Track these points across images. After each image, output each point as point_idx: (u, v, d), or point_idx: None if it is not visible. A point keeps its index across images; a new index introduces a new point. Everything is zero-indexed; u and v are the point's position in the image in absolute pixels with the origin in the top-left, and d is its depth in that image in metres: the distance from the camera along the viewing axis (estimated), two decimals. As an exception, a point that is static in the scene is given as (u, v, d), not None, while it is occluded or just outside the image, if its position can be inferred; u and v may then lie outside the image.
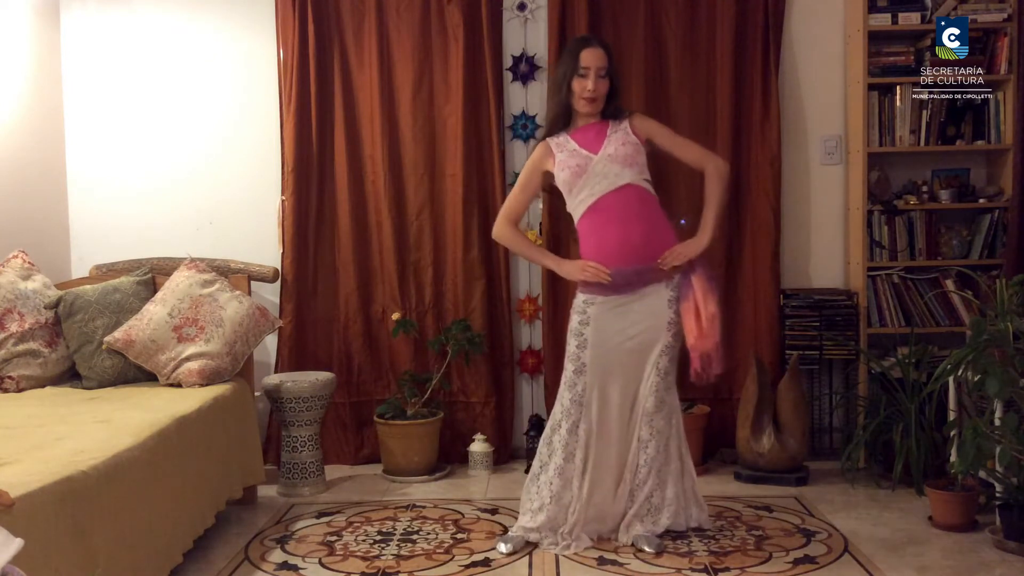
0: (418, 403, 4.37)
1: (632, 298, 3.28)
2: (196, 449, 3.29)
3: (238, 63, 4.67)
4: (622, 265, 3.24)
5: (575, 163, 3.29)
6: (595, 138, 3.33)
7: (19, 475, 2.33)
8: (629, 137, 3.32)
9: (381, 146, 4.53)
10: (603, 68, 3.29)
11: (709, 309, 3.22)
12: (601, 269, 3.24)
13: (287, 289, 4.55)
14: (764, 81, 4.45)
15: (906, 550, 3.30)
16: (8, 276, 3.87)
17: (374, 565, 3.23)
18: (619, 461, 3.34)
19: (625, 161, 3.27)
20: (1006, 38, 4.32)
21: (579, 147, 3.32)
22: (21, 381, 3.73)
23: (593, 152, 3.29)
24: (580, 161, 3.28)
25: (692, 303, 3.24)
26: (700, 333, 3.21)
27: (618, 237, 3.25)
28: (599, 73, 3.29)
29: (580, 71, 3.29)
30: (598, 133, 3.34)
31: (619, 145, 3.29)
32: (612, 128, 3.34)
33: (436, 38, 4.53)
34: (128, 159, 4.69)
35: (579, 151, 3.31)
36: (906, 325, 4.35)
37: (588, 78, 3.28)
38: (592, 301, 3.30)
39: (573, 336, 3.32)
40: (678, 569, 3.15)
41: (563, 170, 3.31)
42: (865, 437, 4.09)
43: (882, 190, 4.47)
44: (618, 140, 3.31)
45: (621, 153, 3.28)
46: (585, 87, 3.28)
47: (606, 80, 3.31)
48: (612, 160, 3.27)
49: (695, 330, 3.22)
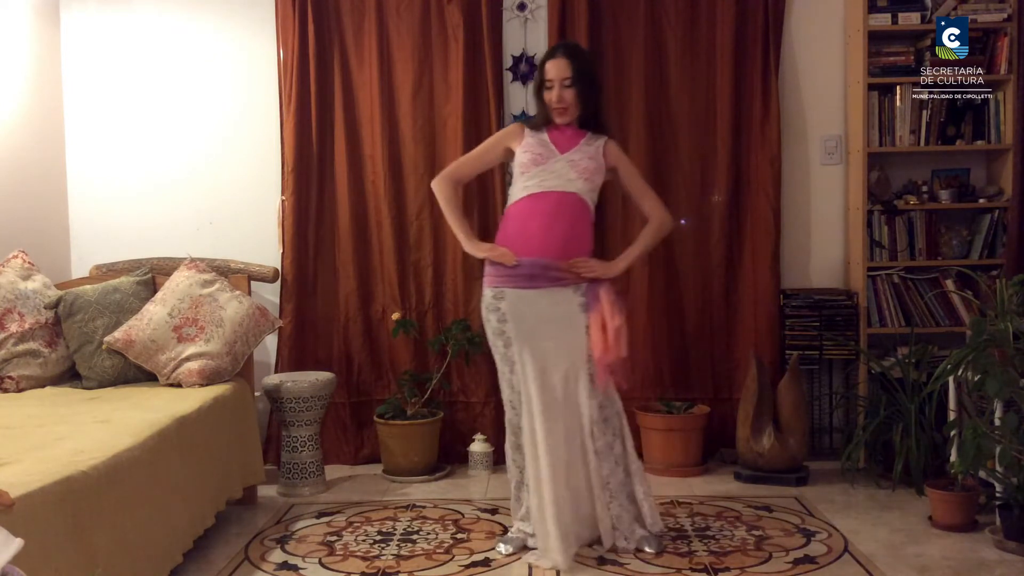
0: (418, 403, 4.37)
1: (540, 295, 3.23)
2: (196, 449, 3.29)
3: (238, 63, 4.67)
4: (533, 256, 3.21)
5: (539, 152, 3.29)
6: (568, 140, 3.33)
7: (19, 475, 2.33)
8: (598, 156, 3.32)
9: (381, 146, 4.53)
10: (567, 78, 3.25)
11: (615, 322, 3.21)
12: (509, 254, 3.23)
13: (287, 289, 4.55)
14: (764, 81, 4.45)
15: (906, 550, 3.30)
16: (8, 276, 3.87)
17: (374, 565, 3.23)
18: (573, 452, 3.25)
19: (583, 173, 3.27)
20: (1006, 38, 4.32)
21: (549, 140, 3.33)
22: (21, 381, 3.73)
23: (560, 151, 3.30)
24: (544, 152, 3.29)
25: (599, 314, 3.23)
26: (604, 345, 3.19)
27: (541, 231, 3.22)
28: (563, 83, 3.26)
29: (546, 84, 3.30)
30: (573, 136, 3.34)
31: (585, 157, 3.30)
32: (587, 139, 3.34)
33: (436, 38, 4.53)
34: (128, 159, 4.70)
35: (547, 143, 3.32)
36: (906, 325, 4.35)
37: (553, 89, 3.28)
38: (501, 295, 3.25)
39: (497, 336, 3.28)
40: (678, 569, 3.15)
41: (525, 152, 3.31)
42: (865, 437, 4.09)
43: (882, 190, 4.47)
44: (587, 152, 3.31)
45: (582, 165, 3.28)
46: (551, 99, 3.29)
47: (572, 89, 3.27)
48: (572, 166, 3.27)
49: (600, 342, 3.20)
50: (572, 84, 3.27)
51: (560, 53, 3.32)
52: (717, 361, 4.55)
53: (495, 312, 3.28)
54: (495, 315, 3.28)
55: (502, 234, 3.33)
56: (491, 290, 3.29)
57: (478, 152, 3.50)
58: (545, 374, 3.22)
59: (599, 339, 3.20)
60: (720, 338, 4.55)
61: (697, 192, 4.53)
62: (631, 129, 4.47)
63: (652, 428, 4.32)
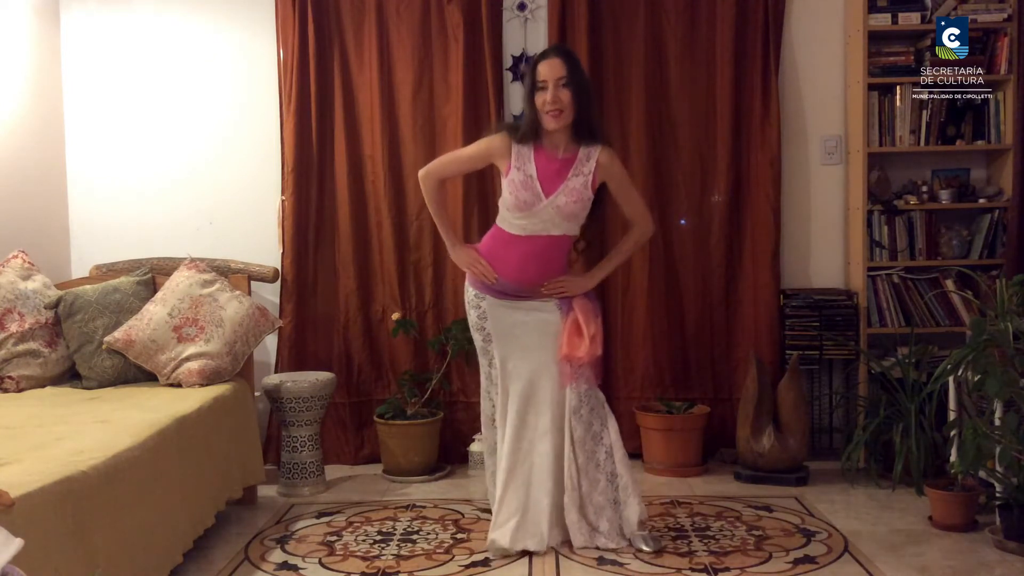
0: (418, 403, 4.37)
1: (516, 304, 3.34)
2: (196, 449, 3.29)
3: (238, 63, 4.67)
4: (506, 281, 3.31)
5: (525, 197, 3.21)
6: (556, 175, 3.22)
7: (19, 475, 2.33)
8: (585, 191, 3.23)
9: (381, 146, 4.53)
10: (562, 78, 3.17)
11: (591, 329, 3.27)
12: (489, 272, 3.31)
13: (287, 289, 4.55)
14: (764, 81, 4.45)
15: (906, 550, 3.30)
16: (8, 276, 3.87)
17: (374, 565, 3.23)
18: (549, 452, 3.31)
19: (569, 217, 3.25)
20: (1006, 38, 4.32)
21: (536, 177, 3.21)
22: (21, 381, 3.73)
23: (546, 193, 3.21)
24: (529, 198, 3.21)
25: (574, 319, 3.30)
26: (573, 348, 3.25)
27: (516, 267, 3.30)
28: (558, 84, 3.17)
29: (539, 84, 3.20)
30: (560, 170, 3.23)
31: (571, 200, 3.21)
32: (576, 167, 3.23)
33: (436, 38, 4.53)
34: (128, 159, 4.69)
35: (533, 183, 3.21)
36: (906, 325, 4.35)
37: (547, 90, 3.18)
38: (483, 296, 3.37)
39: (477, 332, 3.42)
40: (678, 569, 3.15)
41: (511, 193, 3.24)
42: (865, 437, 4.09)
43: (882, 190, 4.47)
44: (573, 192, 3.21)
45: (568, 210, 3.22)
46: (544, 100, 3.18)
47: (568, 90, 3.18)
48: (558, 212, 3.22)
49: (573, 342, 3.26)
50: (568, 84, 3.18)
51: (553, 54, 3.26)
52: (717, 361, 4.55)
53: (476, 309, 3.42)
54: (476, 311, 3.42)
55: (485, 248, 3.39)
56: (472, 290, 3.42)
57: (464, 158, 3.43)
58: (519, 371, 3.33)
59: (572, 339, 3.27)
60: (720, 338, 4.55)
61: (697, 192, 4.53)
62: (631, 129, 4.47)
63: (652, 428, 4.32)
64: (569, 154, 3.27)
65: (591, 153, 3.27)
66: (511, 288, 3.33)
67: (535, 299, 3.34)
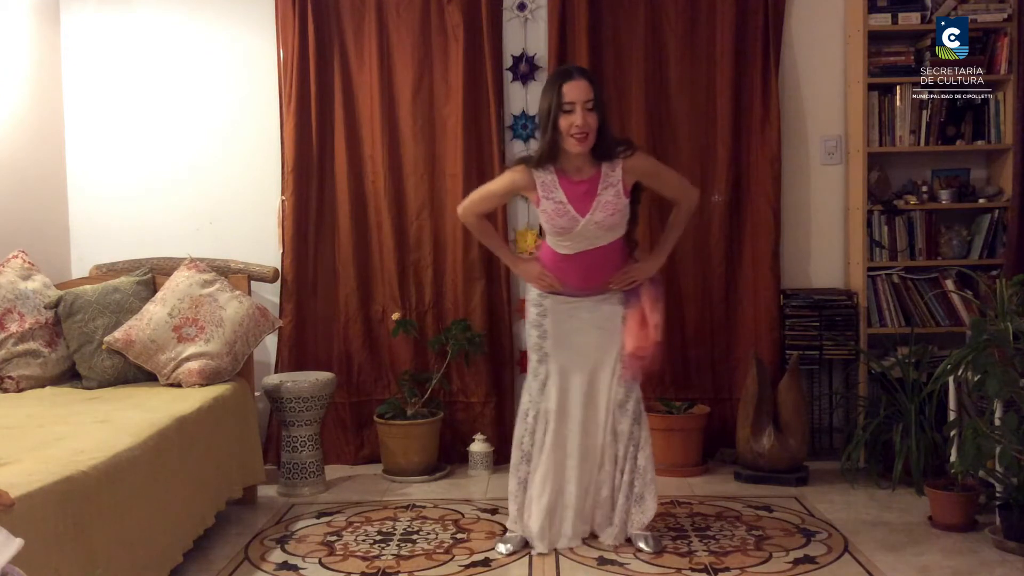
0: (418, 403, 4.37)
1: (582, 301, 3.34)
2: (196, 449, 3.29)
3: (238, 63, 4.67)
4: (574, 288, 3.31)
5: (562, 224, 3.19)
6: (585, 195, 3.17)
7: (19, 475, 2.33)
8: (619, 201, 3.17)
9: (381, 146, 4.53)
10: (589, 100, 3.09)
11: (654, 318, 3.27)
12: (557, 283, 3.30)
13: (287, 289, 4.55)
14: (764, 81, 4.45)
15: (906, 550, 3.30)
16: (8, 276, 3.87)
17: (374, 565, 3.23)
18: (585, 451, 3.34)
19: (611, 228, 3.22)
20: (1006, 38, 4.32)
21: (567, 201, 3.17)
22: (21, 381, 3.73)
23: (580, 214, 3.16)
24: (567, 223, 3.18)
25: (639, 310, 3.30)
26: (642, 340, 3.26)
27: (577, 279, 3.30)
28: (586, 106, 3.08)
29: (565, 107, 3.09)
30: (589, 189, 3.17)
31: (608, 214, 3.16)
32: (603, 182, 3.17)
33: (436, 38, 4.53)
34: (128, 159, 4.69)
35: (567, 208, 3.16)
36: (906, 325, 4.35)
37: (575, 113, 3.08)
38: (546, 296, 3.36)
39: (534, 328, 3.38)
40: (678, 569, 3.15)
41: (548, 223, 3.23)
42: (865, 437, 4.09)
43: (882, 190, 4.47)
44: (608, 205, 3.16)
45: (608, 223, 3.19)
46: (573, 123, 3.08)
47: (594, 113, 3.11)
48: (599, 227, 3.20)
49: (638, 335, 3.27)
50: (594, 107, 3.11)
51: (578, 75, 3.13)
52: (717, 361, 4.55)
53: (537, 307, 3.37)
54: (536, 309, 3.37)
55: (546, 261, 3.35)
56: (536, 289, 3.38)
57: (494, 193, 3.40)
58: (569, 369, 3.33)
59: (636, 331, 3.27)
60: (720, 338, 4.55)
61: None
62: (631, 129, 4.46)
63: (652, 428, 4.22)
64: (593, 172, 3.20)
65: (614, 165, 3.20)
66: (579, 292, 3.33)
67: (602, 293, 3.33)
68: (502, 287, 4.55)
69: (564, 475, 3.35)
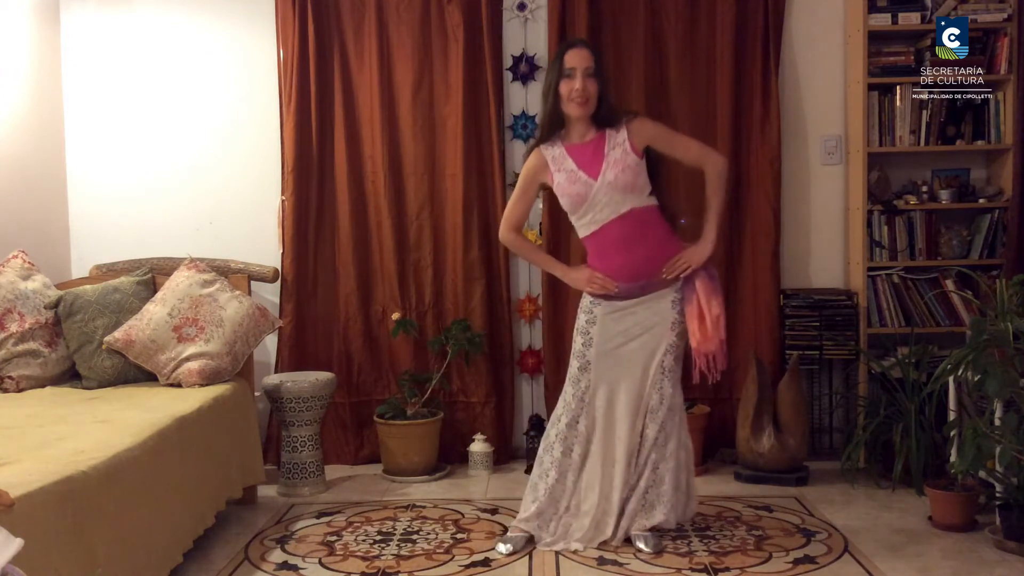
0: (418, 403, 4.37)
1: (637, 302, 3.31)
2: (196, 449, 3.29)
3: (238, 63, 4.67)
4: (627, 282, 3.28)
5: (576, 191, 3.24)
6: (593, 157, 3.26)
7: (19, 475, 2.33)
8: (628, 157, 3.23)
9: (381, 146, 4.53)
10: (589, 67, 3.22)
11: (713, 311, 3.24)
12: (609, 282, 3.27)
13: (287, 289, 4.55)
14: (764, 81, 4.45)
15: (906, 550, 3.30)
16: (8, 276, 3.87)
17: (374, 565, 3.23)
18: (622, 461, 3.33)
19: (626, 188, 3.23)
20: (1006, 38, 4.32)
21: (577, 167, 3.25)
22: (21, 381, 3.73)
23: (592, 176, 3.23)
24: (580, 189, 3.23)
25: (696, 306, 3.27)
26: (704, 336, 3.24)
27: (621, 260, 3.27)
28: (586, 72, 3.21)
29: (566, 72, 3.23)
30: (596, 151, 3.26)
31: (619, 171, 3.22)
32: (610, 143, 3.26)
33: (436, 38, 4.53)
34: (128, 159, 4.69)
35: (578, 174, 3.25)
36: (906, 325, 4.35)
37: (575, 78, 3.21)
38: (598, 303, 3.33)
39: (580, 334, 3.36)
40: (678, 569, 3.15)
41: (564, 195, 3.28)
42: (865, 437, 4.09)
43: (882, 190, 4.47)
44: (617, 163, 3.23)
45: (621, 181, 3.22)
46: (572, 87, 3.21)
47: (594, 80, 3.24)
48: (613, 188, 3.22)
49: (699, 333, 3.25)
50: (594, 75, 3.23)
51: (580, 44, 3.30)
52: (717, 361, 4.55)
53: (587, 313, 3.35)
54: (586, 315, 3.35)
55: (591, 265, 3.35)
56: (590, 296, 3.36)
57: (517, 196, 3.44)
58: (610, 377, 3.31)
59: (697, 330, 3.25)
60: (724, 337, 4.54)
61: (697, 192, 4.50)
62: (631, 129, 4.46)
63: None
64: (597, 136, 3.29)
65: (618, 128, 3.29)
66: (635, 288, 3.28)
67: (656, 290, 3.29)
68: (502, 287, 4.55)
69: (612, 483, 3.34)
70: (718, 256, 4.44)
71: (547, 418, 4.49)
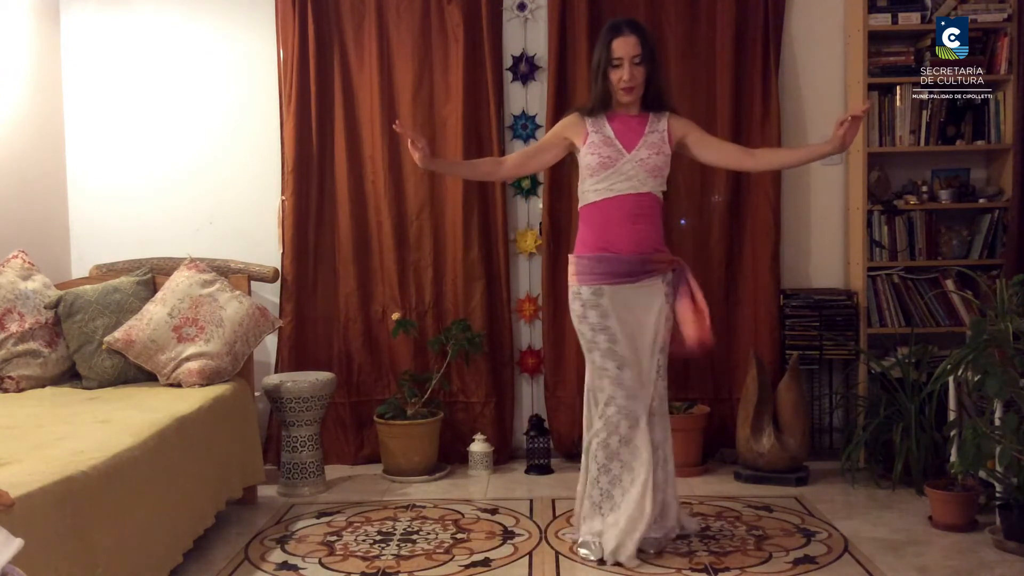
0: (418, 403, 4.37)
1: (638, 288, 3.26)
2: (196, 449, 3.29)
3: (238, 63, 4.67)
4: (623, 253, 3.23)
5: (606, 154, 3.24)
6: (633, 132, 3.28)
7: (19, 475, 2.33)
8: (664, 145, 3.27)
9: (381, 146, 4.53)
10: (637, 55, 3.21)
11: (700, 301, 3.27)
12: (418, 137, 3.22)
13: (287, 289, 4.55)
14: (764, 81, 4.45)
15: (906, 550, 3.30)
16: (8, 276, 3.87)
17: (374, 565, 3.23)
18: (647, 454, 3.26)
19: (653, 171, 3.25)
20: (1006, 38, 4.32)
21: (614, 136, 3.26)
22: (21, 381, 3.73)
23: (627, 148, 3.25)
24: (611, 153, 3.24)
25: (687, 298, 3.28)
26: (701, 327, 3.24)
27: (628, 232, 3.24)
28: (633, 61, 3.21)
29: (614, 62, 3.22)
30: (637, 128, 3.28)
31: (653, 153, 3.25)
32: (651, 125, 3.29)
33: (436, 38, 4.53)
34: (128, 159, 4.69)
35: (614, 141, 3.25)
36: (906, 325, 4.35)
37: (623, 67, 3.21)
38: (600, 292, 3.24)
39: (599, 332, 3.23)
40: (678, 569, 3.15)
41: (592, 154, 3.26)
42: (865, 437, 4.09)
43: (882, 190, 4.47)
44: (653, 145, 3.26)
45: (652, 163, 3.24)
46: (620, 77, 3.22)
47: (642, 67, 3.23)
48: (642, 166, 3.23)
49: (693, 320, 3.25)
50: (642, 62, 3.23)
51: (628, 30, 3.24)
52: (717, 361, 4.54)
53: (595, 308, 3.24)
54: (595, 311, 3.24)
55: (583, 236, 3.32)
56: (588, 288, 3.26)
57: (538, 145, 3.45)
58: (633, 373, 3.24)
59: (691, 317, 3.25)
60: (720, 338, 4.50)
61: (697, 192, 4.53)
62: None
63: (652, 428, 4.31)
64: (642, 115, 3.32)
65: (660, 116, 3.32)
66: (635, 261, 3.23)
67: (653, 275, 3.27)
68: (502, 287, 4.55)
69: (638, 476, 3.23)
70: (718, 256, 4.49)
71: (546, 418, 4.53)
